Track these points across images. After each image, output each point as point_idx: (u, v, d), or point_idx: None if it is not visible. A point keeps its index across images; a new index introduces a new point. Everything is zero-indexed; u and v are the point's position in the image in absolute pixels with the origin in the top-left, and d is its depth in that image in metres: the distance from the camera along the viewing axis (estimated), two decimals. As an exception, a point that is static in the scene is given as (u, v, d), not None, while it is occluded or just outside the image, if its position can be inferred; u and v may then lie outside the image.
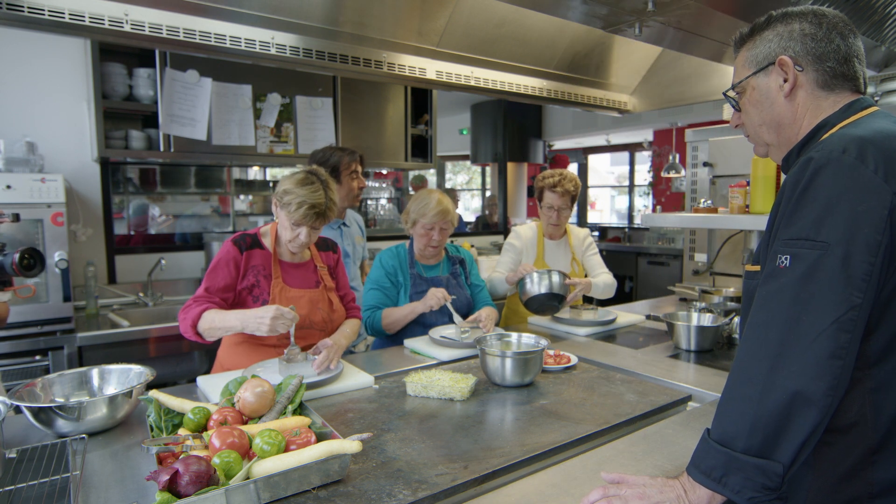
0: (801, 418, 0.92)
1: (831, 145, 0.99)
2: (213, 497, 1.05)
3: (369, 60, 2.71)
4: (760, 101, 1.17)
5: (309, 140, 3.72)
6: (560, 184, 2.80)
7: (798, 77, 1.11)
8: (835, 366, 0.91)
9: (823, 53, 1.09)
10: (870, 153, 0.95)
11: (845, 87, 1.11)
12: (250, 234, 2.04)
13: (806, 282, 0.94)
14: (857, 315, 0.92)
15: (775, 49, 1.13)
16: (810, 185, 0.97)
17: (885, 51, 2.84)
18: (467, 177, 13.21)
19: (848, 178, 0.95)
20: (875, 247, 0.92)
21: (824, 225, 0.94)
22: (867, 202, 0.93)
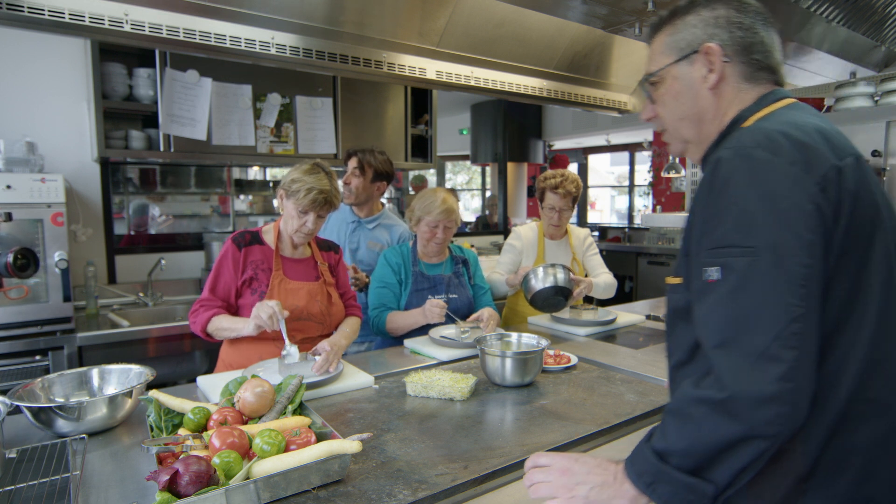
0: (741, 447, 0.83)
1: (742, 141, 0.91)
2: (213, 497, 1.05)
3: (369, 60, 2.71)
4: (682, 92, 1.06)
5: (309, 140, 3.72)
6: (562, 185, 2.80)
7: (725, 68, 1.02)
8: (783, 390, 0.80)
9: (750, 44, 1.01)
10: (784, 145, 0.87)
11: (768, 79, 1.03)
12: (251, 231, 2.10)
13: (739, 295, 0.85)
14: (803, 327, 0.81)
15: (700, 36, 1.03)
16: (725, 186, 0.89)
17: (885, 51, 2.84)
18: (467, 177, 13.21)
19: (765, 173, 0.86)
20: (808, 246, 0.83)
21: (749, 227, 0.85)
22: (791, 197, 0.84)
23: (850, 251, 0.86)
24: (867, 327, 0.87)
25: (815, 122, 0.94)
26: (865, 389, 0.86)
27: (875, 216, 0.89)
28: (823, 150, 0.88)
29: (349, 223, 2.88)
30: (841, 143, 0.92)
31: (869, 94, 2.74)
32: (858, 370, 0.86)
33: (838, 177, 0.86)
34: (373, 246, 2.86)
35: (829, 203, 0.85)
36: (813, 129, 0.91)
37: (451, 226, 2.50)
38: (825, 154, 0.87)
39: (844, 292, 0.86)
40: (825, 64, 2.85)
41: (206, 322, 1.93)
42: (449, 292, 2.54)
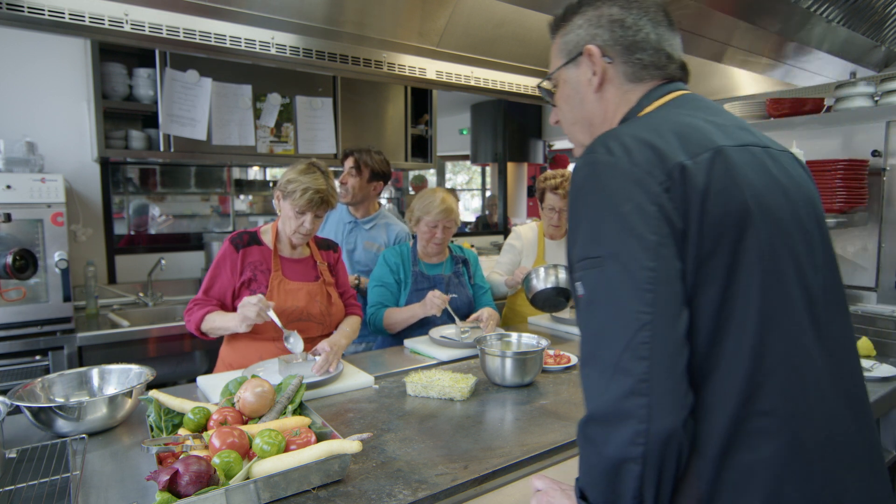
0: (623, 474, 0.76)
1: (592, 147, 0.87)
2: (213, 497, 1.05)
3: (369, 60, 2.71)
4: (571, 96, 1.04)
5: (309, 140, 3.72)
6: (562, 185, 2.81)
7: (607, 69, 0.98)
8: (636, 406, 0.73)
9: (633, 43, 0.96)
10: (630, 146, 0.83)
11: (656, 76, 0.98)
12: (249, 231, 2.09)
13: (593, 308, 0.81)
14: (652, 335, 0.75)
15: (584, 37, 0.99)
16: (577, 194, 0.86)
17: (885, 51, 2.84)
18: (467, 177, 13.21)
19: (608, 178, 0.82)
20: (651, 248, 0.77)
21: (597, 236, 0.81)
22: (632, 200, 0.79)
23: (715, 253, 0.80)
24: (749, 335, 0.79)
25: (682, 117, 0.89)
26: (757, 401, 0.79)
27: (743, 214, 0.81)
28: (672, 148, 0.82)
29: (346, 223, 2.89)
30: (702, 137, 0.85)
31: (869, 94, 2.74)
32: (745, 381, 0.79)
33: (683, 175, 0.80)
34: (369, 246, 2.86)
35: (675, 203, 0.79)
36: (670, 127, 0.86)
37: (451, 225, 2.50)
38: (673, 153, 0.82)
39: (716, 299, 0.80)
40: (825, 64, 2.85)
41: (200, 320, 1.93)
42: (449, 292, 2.54)
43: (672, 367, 0.75)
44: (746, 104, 3.12)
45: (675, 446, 0.75)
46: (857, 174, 2.67)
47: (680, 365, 0.76)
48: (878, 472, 0.88)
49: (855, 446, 0.85)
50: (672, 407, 0.75)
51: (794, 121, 2.89)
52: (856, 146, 2.85)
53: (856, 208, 2.71)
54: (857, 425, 0.86)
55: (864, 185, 2.72)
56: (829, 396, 0.83)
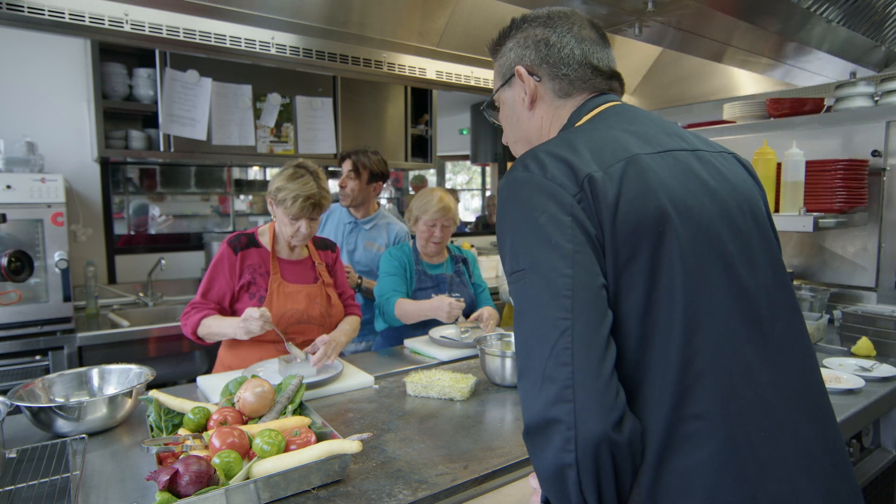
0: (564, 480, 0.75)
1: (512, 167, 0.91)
2: (213, 497, 1.05)
3: (369, 60, 2.71)
4: (510, 116, 1.10)
5: (309, 140, 3.72)
6: None
7: (536, 88, 1.03)
8: (562, 412, 0.74)
9: (558, 59, 1.01)
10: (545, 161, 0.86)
11: (584, 90, 1.02)
12: (247, 233, 2.06)
13: (521, 320, 0.82)
14: (573, 339, 0.75)
15: (513, 59, 1.05)
16: (501, 213, 0.89)
17: (885, 51, 2.83)
18: (467, 177, 13.20)
19: (525, 193, 0.85)
20: (568, 256, 0.78)
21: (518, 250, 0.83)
22: (546, 210, 0.82)
23: (635, 259, 0.80)
24: (676, 338, 0.79)
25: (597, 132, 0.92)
26: (689, 405, 0.78)
27: (660, 219, 0.82)
28: (585, 161, 0.84)
29: (346, 224, 2.89)
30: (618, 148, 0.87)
31: (869, 94, 2.74)
32: (676, 385, 0.79)
33: (591, 186, 0.82)
34: (370, 246, 2.86)
35: (588, 213, 0.81)
36: (584, 142, 0.88)
37: (449, 224, 2.49)
38: (585, 165, 0.84)
39: (640, 304, 0.80)
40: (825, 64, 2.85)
41: (197, 324, 1.90)
42: (452, 290, 2.54)
43: (596, 371, 0.75)
44: (746, 104, 3.12)
45: (606, 450, 0.73)
46: (857, 174, 2.67)
47: (605, 368, 0.76)
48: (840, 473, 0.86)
49: (810, 446, 0.83)
50: (598, 410, 0.74)
51: (794, 121, 2.89)
52: (856, 146, 2.85)
53: (856, 208, 2.71)
54: (813, 427, 0.85)
55: (864, 185, 2.72)
56: (769, 396, 0.82)
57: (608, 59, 1.03)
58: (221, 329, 1.87)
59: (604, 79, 1.02)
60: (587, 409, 0.73)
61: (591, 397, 0.74)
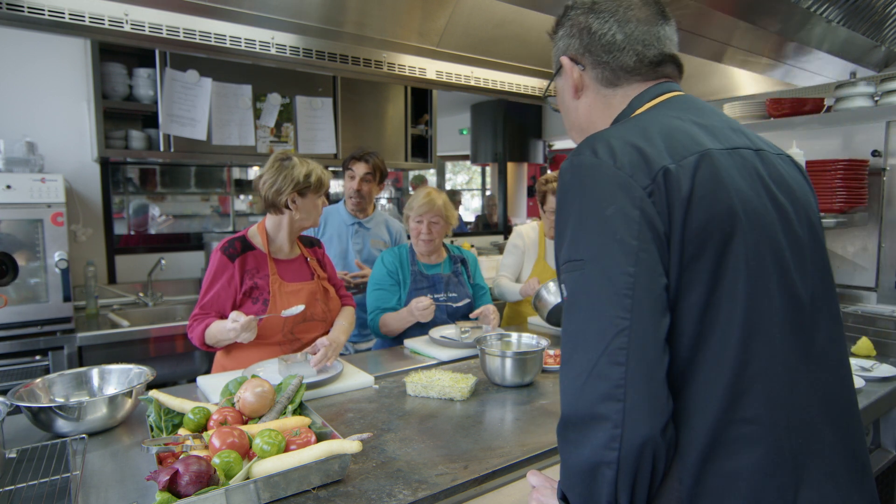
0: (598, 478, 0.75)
1: (578, 149, 0.87)
2: (213, 497, 1.05)
3: (369, 60, 2.71)
4: (561, 105, 1.09)
5: (309, 140, 3.72)
6: None
7: (581, 77, 1.01)
8: (611, 411, 0.73)
9: (599, 47, 0.98)
10: (616, 149, 0.82)
11: (632, 79, 0.98)
12: (238, 238, 2.03)
13: (573, 311, 0.80)
14: (629, 340, 0.74)
15: (561, 49, 1.04)
16: (564, 196, 0.86)
17: (885, 51, 2.84)
18: (467, 177, 13.20)
19: (593, 181, 0.82)
20: (632, 253, 0.76)
21: (579, 239, 0.81)
22: (615, 203, 0.79)
23: (700, 257, 0.79)
24: (733, 341, 0.79)
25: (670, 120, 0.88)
26: (740, 409, 0.78)
27: (730, 219, 0.80)
28: (658, 151, 0.82)
29: (349, 225, 2.89)
30: (689, 141, 0.84)
31: (869, 94, 2.74)
32: (728, 387, 0.78)
33: (666, 178, 0.79)
34: (376, 244, 2.87)
35: (658, 207, 0.79)
36: (658, 130, 0.85)
37: (437, 221, 2.47)
38: (658, 156, 0.81)
39: (699, 303, 0.79)
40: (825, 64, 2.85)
41: (202, 335, 1.90)
42: (448, 291, 2.54)
43: (649, 374, 0.74)
44: (746, 104, 3.12)
45: (649, 453, 0.74)
46: (857, 174, 2.67)
47: (659, 372, 0.75)
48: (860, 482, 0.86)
49: (833, 455, 0.84)
50: (648, 413, 0.73)
51: (794, 121, 2.89)
52: (856, 146, 2.85)
53: (856, 208, 2.71)
54: (835, 435, 0.85)
55: (864, 185, 2.72)
56: (805, 405, 0.83)
57: (659, 42, 0.97)
58: (222, 335, 1.86)
59: (652, 66, 0.97)
60: (637, 410, 0.73)
61: (643, 399, 0.73)
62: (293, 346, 2.04)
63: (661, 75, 0.99)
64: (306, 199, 2.01)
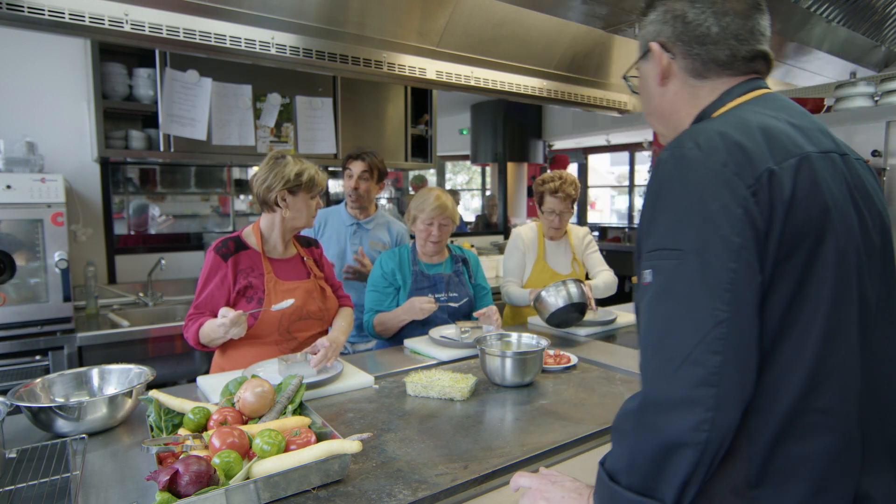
0: (674, 458, 0.79)
1: (679, 140, 0.89)
2: (213, 497, 1.05)
3: (369, 60, 2.71)
4: (643, 88, 1.09)
5: (309, 140, 3.72)
6: (561, 188, 2.79)
7: (670, 64, 1.01)
8: (706, 396, 0.77)
9: (692, 38, 0.98)
10: (719, 145, 0.84)
11: (723, 72, 0.98)
12: (232, 237, 2.04)
13: (665, 298, 0.83)
14: (727, 332, 0.78)
15: (651, 33, 1.03)
16: (661, 187, 0.88)
17: (885, 51, 2.84)
18: (467, 177, 13.21)
19: (696, 175, 0.84)
20: (735, 250, 0.79)
21: (678, 230, 0.83)
22: (719, 199, 0.81)
23: (790, 258, 0.83)
24: (814, 335, 0.83)
25: (766, 119, 0.90)
26: (815, 398, 0.83)
27: (824, 220, 0.84)
28: (761, 151, 0.84)
29: (348, 226, 2.89)
30: (788, 142, 0.87)
31: (869, 94, 2.74)
32: (805, 378, 0.82)
33: (770, 180, 0.82)
34: (374, 245, 2.87)
35: (761, 207, 0.81)
36: (758, 128, 0.87)
37: (446, 223, 2.49)
38: (762, 156, 0.83)
39: (785, 300, 0.83)
40: (825, 64, 2.85)
41: (196, 334, 1.89)
42: (449, 291, 2.54)
43: (744, 364, 0.79)
44: (746, 104, 3.11)
45: (731, 437, 0.80)
46: (857, 174, 2.66)
47: (752, 362, 0.80)
48: None
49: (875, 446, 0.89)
50: (738, 401, 0.79)
51: (794, 121, 2.88)
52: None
53: (856, 208, 2.71)
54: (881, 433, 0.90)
55: (864, 185, 2.72)
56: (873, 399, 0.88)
57: (753, 38, 0.97)
58: (214, 333, 1.84)
59: (744, 61, 0.98)
60: (730, 397, 0.78)
61: (736, 388, 0.78)
62: (290, 345, 2.04)
63: (752, 70, 0.99)
64: (297, 197, 2.00)
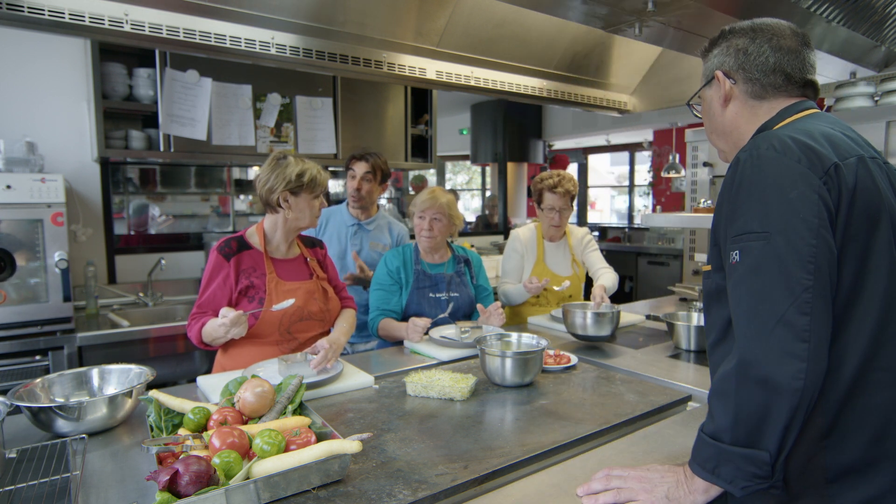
0: (775, 407, 0.94)
1: (756, 143, 1.06)
2: (213, 497, 1.05)
3: (369, 60, 2.71)
4: (707, 111, 1.30)
5: (309, 140, 3.72)
6: (560, 184, 2.80)
7: (732, 89, 1.22)
8: (799, 349, 0.93)
9: (752, 66, 1.19)
10: (791, 146, 1.02)
11: (779, 94, 1.19)
12: (235, 237, 2.04)
13: (757, 272, 0.98)
14: (813, 297, 0.94)
15: (715, 64, 1.25)
16: (742, 181, 1.04)
17: (885, 51, 2.84)
18: (467, 177, 13.21)
19: (774, 170, 1.01)
20: (815, 229, 0.96)
21: (763, 215, 0.99)
22: (797, 189, 0.98)
23: (855, 237, 0.99)
24: (875, 305, 0.99)
25: (825, 128, 1.08)
26: (878, 359, 0.99)
27: (878, 208, 1.01)
28: (826, 151, 1.02)
29: (349, 226, 2.89)
30: (846, 146, 1.05)
31: (869, 94, 2.74)
32: (869, 342, 0.98)
33: (837, 172, 1.00)
34: (375, 246, 2.87)
35: (831, 194, 0.99)
36: (820, 135, 1.05)
37: (440, 218, 2.48)
38: (828, 154, 1.01)
39: (852, 274, 0.99)
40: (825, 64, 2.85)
41: (199, 333, 1.90)
42: (450, 290, 2.54)
43: (826, 322, 0.95)
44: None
45: (820, 385, 0.95)
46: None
47: (829, 321, 0.96)
48: None
49: None
50: (825, 353, 0.95)
51: (795, 121, 2.88)
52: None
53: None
54: None
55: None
56: None
57: (803, 69, 1.18)
58: (216, 333, 1.84)
59: (797, 86, 1.19)
60: (819, 350, 0.94)
61: (823, 342, 0.95)
62: (291, 346, 2.04)
63: (803, 94, 1.20)
64: (299, 198, 2.00)
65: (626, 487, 1.11)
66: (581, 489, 1.17)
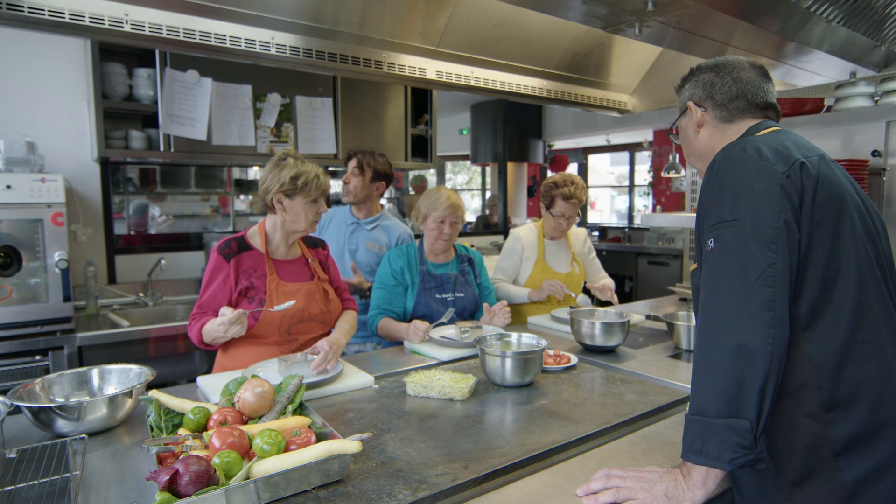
0: (748, 370, 1.02)
1: (729, 147, 1.22)
2: (213, 497, 1.05)
3: (369, 60, 2.71)
4: (684, 137, 1.47)
5: (309, 140, 3.72)
6: (574, 195, 2.83)
7: (703, 116, 1.38)
8: (766, 316, 1.03)
9: (718, 95, 1.36)
10: (760, 148, 1.16)
11: (744, 116, 1.35)
12: (236, 237, 2.04)
13: (729, 254, 1.10)
14: (775, 272, 1.05)
15: (687, 97, 1.42)
16: (715, 179, 1.18)
17: (885, 51, 2.84)
18: (467, 177, 13.21)
19: (743, 167, 1.15)
20: (777, 214, 1.08)
21: (733, 206, 1.12)
22: (762, 182, 1.11)
23: (822, 223, 1.12)
24: (852, 283, 1.10)
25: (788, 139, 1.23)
26: (861, 331, 1.09)
27: (841, 199, 1.14)
28: (791, 151, 1.16)
29: (348, 224, 2.89)
30: (808, 149, 1.21)
31: (869, 94, 2.74)
32: (850, 316, 1.09)
33: (802, 168, 1.13)
34: (371, 247, 2.87)
35: (795, 186, 1.12)
36: (781, 142, 1.19)
37: (458, 221, 2.52)
38: (793, 154, 1.16)
39: (825, 256, 1.11)
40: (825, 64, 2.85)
41: (199, 333, 1.90)
42: (455, 291, 2.55)
43: (787, 294, 1.06)
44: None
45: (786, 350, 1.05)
46: (857, 174, 2.66)
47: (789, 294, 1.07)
48: None
49: None
50: (786, 320, 1.05)
51: (795, 121, 2.89)
52: (856, 146, 2.84)
53: (856, 208, 2.70)
54: None
55: (864, 186, 2.72)
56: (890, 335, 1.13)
57: (763, 94, 1.35)
58: (215, 332, 1.84)
59: (759, 109, 1.35)
60: (782, 318, 1.04)
61: (785, 311, 1.05)
62: (291, 346, 2.04)
63: (765, 115, 1.36)
64: (294, 201, 1.98)
65: (626, 486, 1.13)
66: (580, 489, 1.18)
